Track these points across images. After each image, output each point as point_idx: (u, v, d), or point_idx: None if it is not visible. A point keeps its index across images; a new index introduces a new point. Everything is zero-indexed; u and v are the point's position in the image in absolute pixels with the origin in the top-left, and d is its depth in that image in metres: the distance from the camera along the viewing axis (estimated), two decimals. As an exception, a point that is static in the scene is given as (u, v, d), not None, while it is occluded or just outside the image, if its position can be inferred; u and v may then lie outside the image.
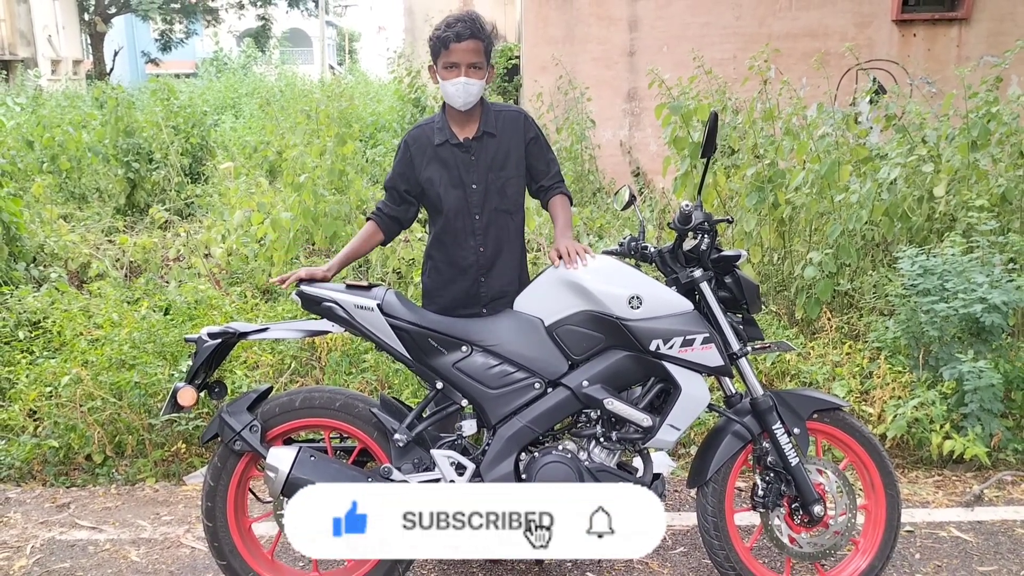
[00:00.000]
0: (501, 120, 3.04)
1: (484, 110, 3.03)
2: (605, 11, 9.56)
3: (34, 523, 3.68)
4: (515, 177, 3.06)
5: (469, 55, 2.88)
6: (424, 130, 3.06)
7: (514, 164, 3.05)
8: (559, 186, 3.14)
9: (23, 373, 4.40)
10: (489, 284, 3.05)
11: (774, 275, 5.45)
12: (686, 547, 3.40)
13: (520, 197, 3.12)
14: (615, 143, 9.67)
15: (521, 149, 3.06)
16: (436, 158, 3.01)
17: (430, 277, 3.15)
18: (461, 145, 3.00)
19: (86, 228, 7.43)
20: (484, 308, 3.06)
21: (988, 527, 3.55)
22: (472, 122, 3.01)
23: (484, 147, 3.01)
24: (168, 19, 31.81)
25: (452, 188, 3.01)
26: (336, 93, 8.10)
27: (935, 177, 4.99)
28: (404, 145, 3.07)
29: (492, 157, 3.01)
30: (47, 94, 14.27)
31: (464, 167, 3.00)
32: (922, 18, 9.37)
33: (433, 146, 3.01)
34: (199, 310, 4.86)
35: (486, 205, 3.02)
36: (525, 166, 3.08)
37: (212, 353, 2.75)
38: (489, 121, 3.01)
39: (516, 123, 3.06)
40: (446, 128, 3.01)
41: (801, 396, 2.86)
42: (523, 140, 3.06)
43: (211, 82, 18.71)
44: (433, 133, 3.02)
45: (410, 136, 3.08)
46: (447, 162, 3.00)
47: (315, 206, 5.52)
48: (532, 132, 3.08)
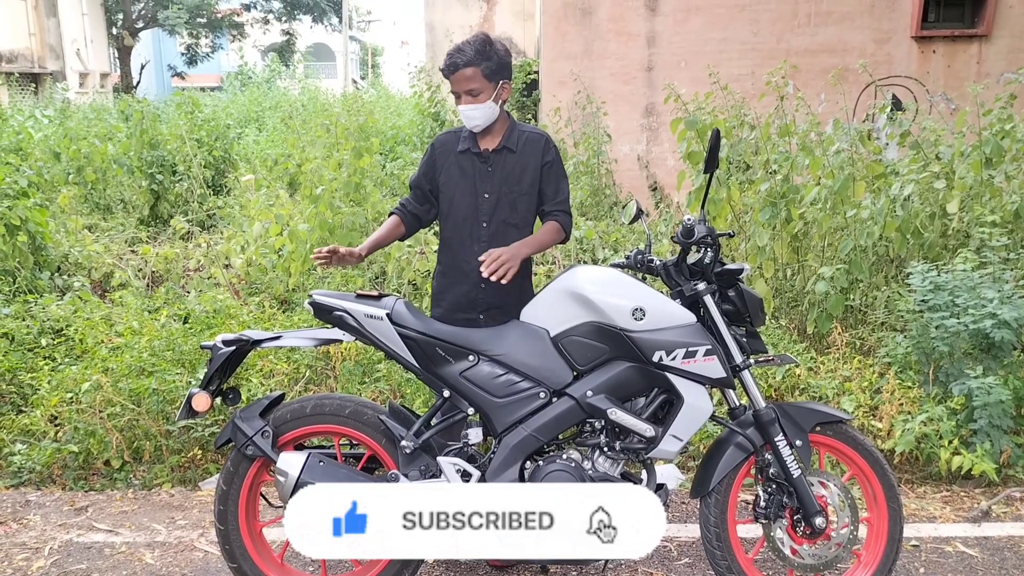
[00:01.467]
0: (523, 139, 3.17)
1: (509, 127, 3.17)
2: (623, 27, 9.63)
3: (53, 525, 3.76)
4: (527, 195, 3.18)
5: (463, 83, 3.03)
6: (451, 136, 3.24)
7: (528, 182, 3.16)
8: (558, 214, 3.21)
9: (45, 379, 4.51)
10: (488, 291, 3.15)
11: (787, 290, 5.46)
12: (691, 558, 3.43)
13: (530, 215, 3.23)
14: (632, 158, 9.72)
15: (537, 170, 3.17)
16: (456, 163, 3.18)
17: (437, 280, 3.32)
18: (480, 155, 3.15)
19: (110, 238, 7.57)
20: (481, 315, 3.17)
21: (994, 543, 3.55)
22: (495, 136, 3.16)
23: (502, 160, 3.15)
24: (194, 34, 32.31)
25: (466, 195, 3.16)
26: (355, 107, 8.20)
27: (948, 194, 5.00)
28: (431, 148, 3.26)
29: (508, 172, 3.14)
30: (75, 107, 14.54)
31: (480, 176, 3.14)
32: (942, 34, 9.37)
33: (456, 152, 3.18)
34: (217, 319, 4.96)
35: (495, 216, 3.14)
36: (539, 187, 3.19)
37: (226, 360, 2.83)
38: (512, 138, 3.15)
39: (537, 144, 3.18)
40: (471, 137, 3.17)
41: (804, 409, 2.89)
42: (540, 162, 3.17)
43: (235, 96, 18.94)
44: (459, 140, 3.19)
45: (438, 140, 3.27)
46: (465, 169, 3.16)
47: (332, 218, 5.60)
48: (550, 156, 3.19)
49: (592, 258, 6.56)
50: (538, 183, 3.18)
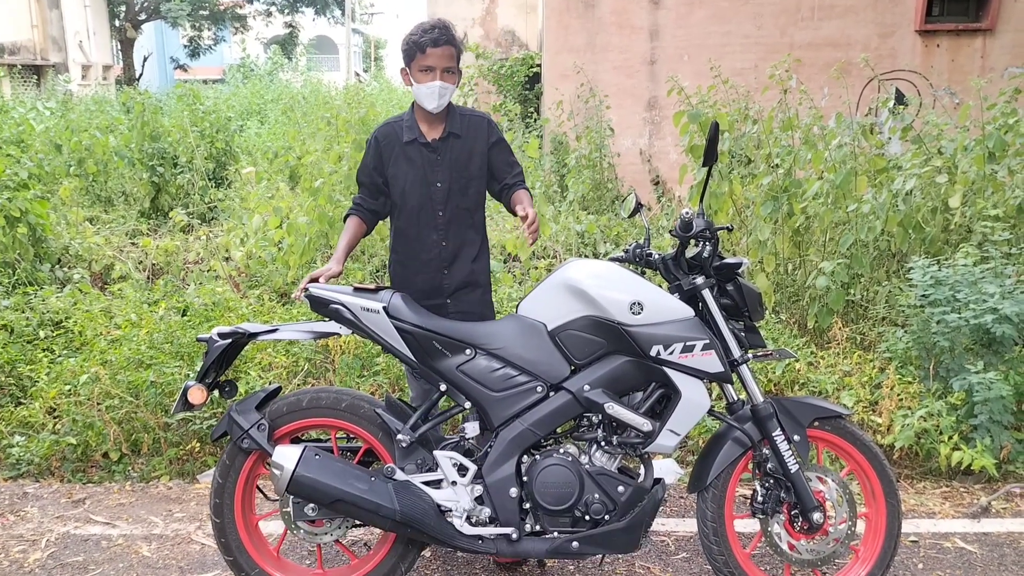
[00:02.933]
0: (467, 123, 3.18)
1: (451, 113, 3.17)
2: (626, 20, 9.59)
3: (50, 517, 3.76)
4: (477, 178, 3.21)
5: (444, 60, 3.02)
6: (393, 127, 3.20)
7: (477, 166, 3.19)
8: (522, 183, 3.27)
9: (44, 372, 4.50)
10: (452, 276, 3.18)
11: (788, 284, 5.44)
12: (688, 553, 3.42)
13: (481, 197, 3.26)
14: (635, 151, 9.70)
15: (484, 152, 3.20)
16: (404, 155, 3.15)
17: (395, 270, 3.29)
18: (428, 145, 3.14)
19: (110, 231, 7.57)
20: (448, 299, 3.19)
21: (994, 539, 3.53)
22: (439, 123, 3.15)
23: (450, 148, 3.15)
24: (197, 26, 32.25)
25: (417, 185, 3.14)
26: (356, 100, 8.18)
27: (950, 188, 4.97)
28: (374, 141, 3.21)
29: (456, 158, 3.16)
30: (77, 99, 14.52)
31: (430, 166, 3.14)
32: (946, 28, 9.31)
33: (401, 143, 3.15)
34: (216, 312, 4.95)
35: (449, 203, 3.15)
36: (488, 168, 3.21)
37: (223, 353, 2.82)
38: (455, 123, 3.15)
39: (481, 127, 3.21)
40: (415, 127, 3.15)
41: (802, 404, 2.87)
42: (487, 143, 3.20)
43: (238, 88, 18.93)
44: (402, 131, 3.16)
45: (379, 132, 3.22)
46: (414, 160, 3.14)
47: (332, 211, 5.59)
48: (495, 136, 3.23)
49: (594, 252, 6.55)
50: (486, 165, 3.21)
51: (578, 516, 2.78)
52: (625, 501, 2.78)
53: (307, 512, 2.82)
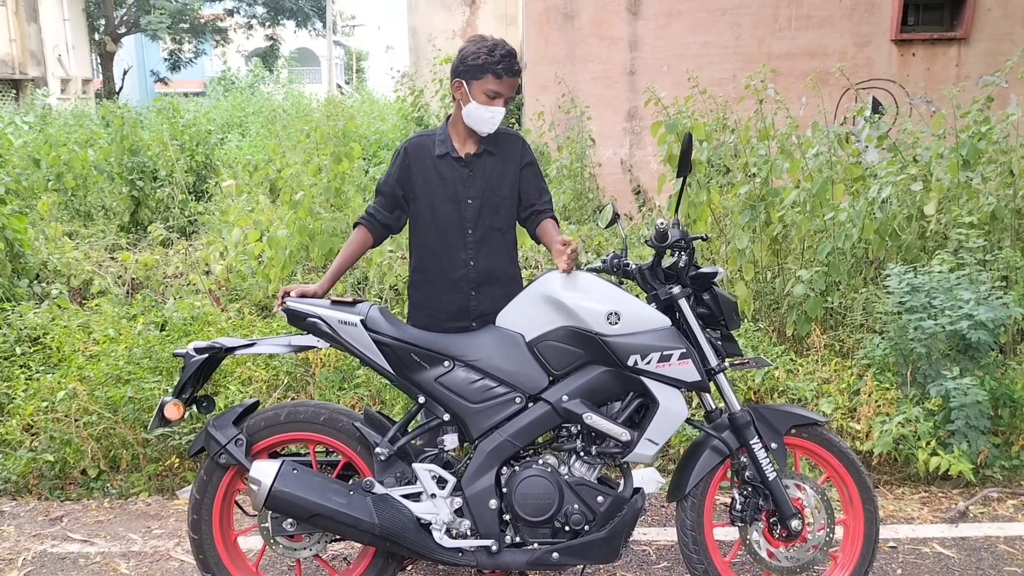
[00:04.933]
0: (501, 141, 3.10)
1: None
2: (606, 31, 9.65)
3: (27, 536, 3.72)
4: (508, 198, 3.12)
5: (511, 89, 2.98)
6: (425, 140, 3.11)
7: (509, 185, 3.11)
8: (551, 211, 3.19)
9: (20, 388, 4.46)
10: (480, 299, 3.09)
11: (767, 292, 5.48)
12: (669, 562, 3.43)
13: (512, 218, 3.17)
14: (616, 161, 9.74)
15: (517, 172, 3.12)
16: (434, 169, 3.06)
17: (420, 290, 3.18)
18: (461, 160, 3.05)
19: (90, 245, 7.51)
20: (473, 323, 3.09)
21: (971, 543, 3.56)
22: (474, 139, 3.07)
23: (483, 164, 3.06)
24: (177, 39, 32.13)
25: (447, 201, 3.05)
26: (336, 112, 8.18)
27: (925, 196, 5.02)
28: (403, 152, 3.11)
29: (490, 175, 3.07)
30: (56, 113, 14.43)
31: (462, 182, 3.05)
32: (921, 38, 9.42)
33: (433, 157, 3.06)
34: (195, 326, 4.92)
35: (479, 221, 3.06)
36: (518, 190, 3.14)
37: (200, 368, 2.80)
38: (490, 140, 3.07)
39: (515, 146, 3.13)
40: (447, 141, 3.07)
41: (779, 411, 2.89)
42: (519, 163, 3.12)
43: (218, 101, 18.89)
44: (434, 144, 3.07)
45: (410, 144, 3.12)
46: (444, 174, 3.05)
47: (312, 223, 5.58)
48: (528, 157, 3.15)
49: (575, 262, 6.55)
50: (518, 185, 3.12)
51: (558, 527, 2.78)
52: (605, 511, 2.78)
53: (286, 527, 2.81)
